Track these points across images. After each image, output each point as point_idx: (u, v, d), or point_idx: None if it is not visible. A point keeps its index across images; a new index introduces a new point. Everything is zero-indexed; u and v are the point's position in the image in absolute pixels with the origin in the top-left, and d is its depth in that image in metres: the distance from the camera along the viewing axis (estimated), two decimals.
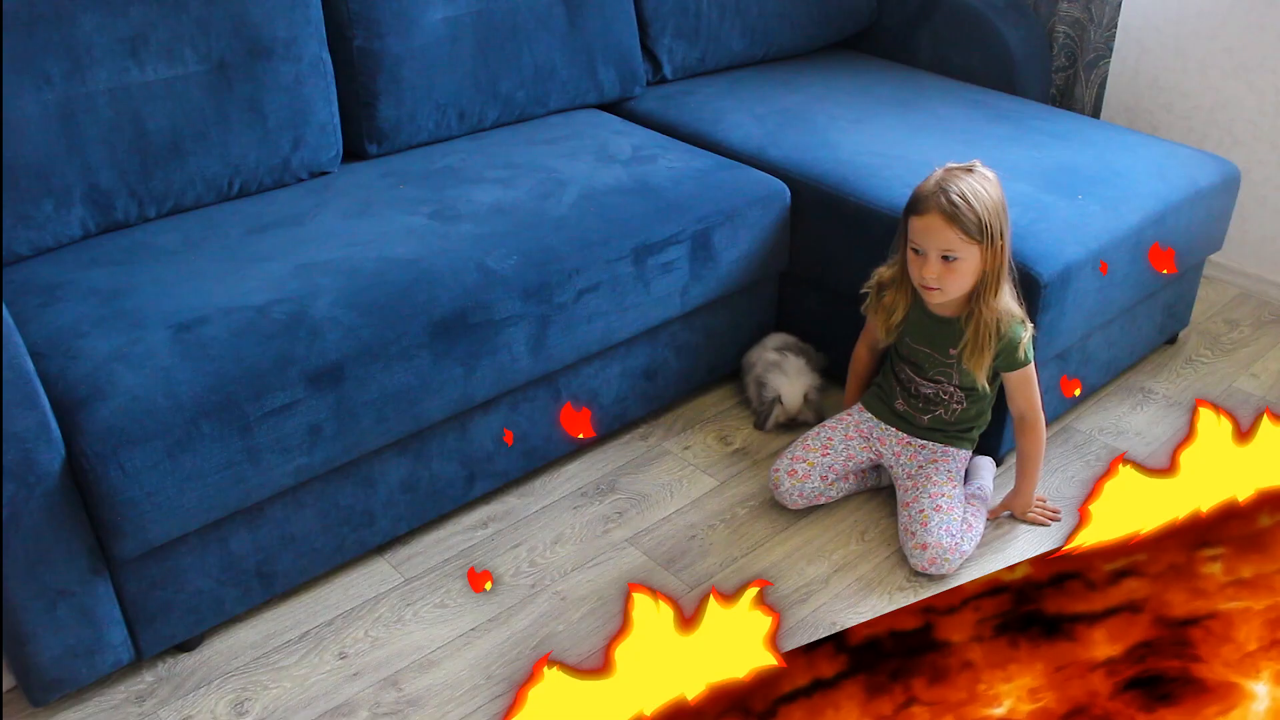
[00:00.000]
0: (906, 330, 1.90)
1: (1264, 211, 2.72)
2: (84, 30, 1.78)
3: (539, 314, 1.85)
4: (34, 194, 1.76)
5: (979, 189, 1.72)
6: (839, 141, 2.29)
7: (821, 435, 2.00)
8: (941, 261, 1.75)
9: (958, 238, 1.72)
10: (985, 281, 1.77)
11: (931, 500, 1.88)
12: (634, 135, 2.32)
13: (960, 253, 1.73)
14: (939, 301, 1.82)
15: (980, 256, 1.74)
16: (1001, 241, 1.74)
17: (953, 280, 1.76)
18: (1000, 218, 1.74)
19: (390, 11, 2.11)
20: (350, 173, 2.13)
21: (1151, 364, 2.47)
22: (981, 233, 1.72)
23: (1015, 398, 1.87)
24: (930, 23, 2.82)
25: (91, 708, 1.64)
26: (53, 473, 1.44)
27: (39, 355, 1.52)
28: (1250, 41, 2.62)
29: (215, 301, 1.65)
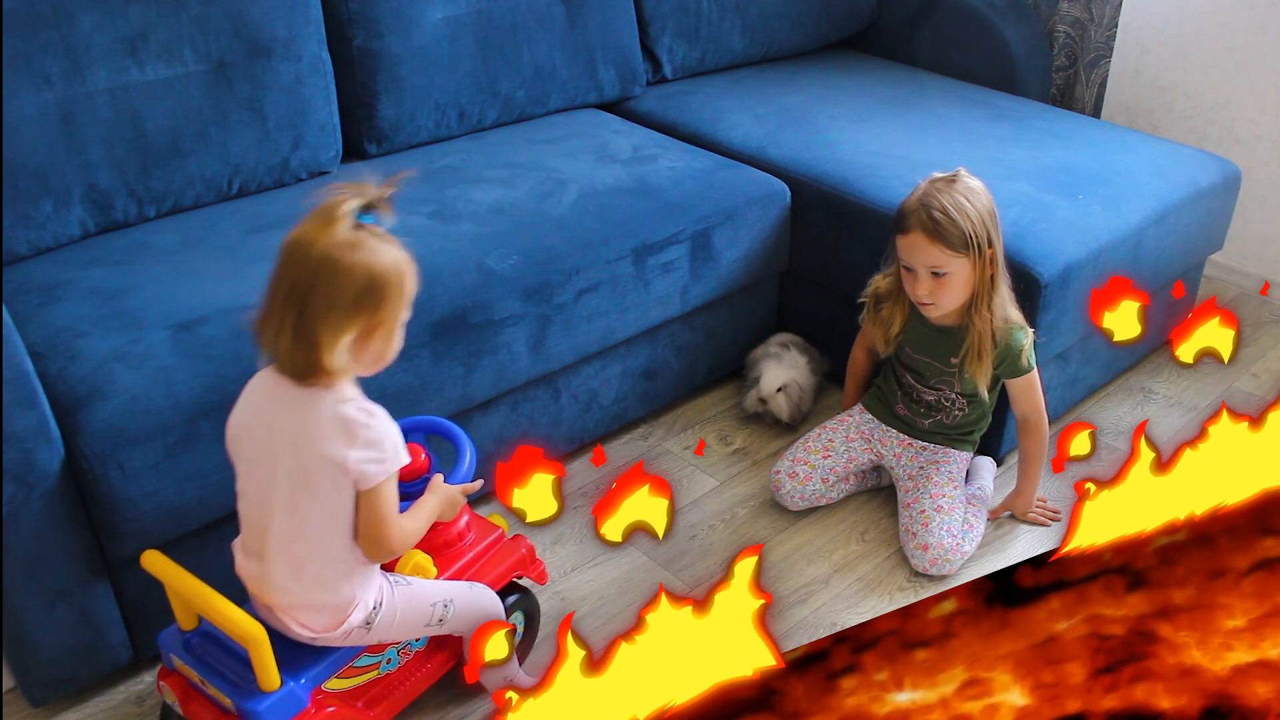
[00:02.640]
0: (906, 340, 1.90)
1: (1264, 211, 2.72)
2: (83, 30, 1.77)
3: (539, 314, 1.85)
4: (33, 194, 1.76)
5: (961, 201, 1.71)
6: (839, 141, 2.29)
7: (823, 437, 2.00)
8: (932, 277, 1.74)
9: (943, 253, 1.71)
10: (979, 291, 1.77)
11: (932, 501, 1.88)
12: (634, 135, 2.32)
13: (948, 267, 1.72)
14: (935, 316, 1.82)
15: (970, 268, 1.74)
16: (991, 250, 1.73)
17: (945, 294, 1.76)
18: (987, 226, 1.72)
19: (390, 11, 2.11)
20: (350, 173, 2.13)
21: (1151, 364, 2.47)
22: (967, 245, 1.70)
23: (1019, 402, 1.87)
24: (930, 23, 2.82)
25: (91, 708, 1.64)
26: (52, 473, 1.43)
27: (38, 355, 1.52)
28: (1251, 41, 2.61)
29: (215, 301, 1.65)
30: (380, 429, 1.26)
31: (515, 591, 1.63)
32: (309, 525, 1.29)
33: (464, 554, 1.55)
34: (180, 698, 1.42)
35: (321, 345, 1.20)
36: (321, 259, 1.18)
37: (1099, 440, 2.21)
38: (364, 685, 1.47)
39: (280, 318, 1.21)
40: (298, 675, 1.37)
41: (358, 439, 1.25)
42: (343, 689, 1.44)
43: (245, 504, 1.35)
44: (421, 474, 1.49)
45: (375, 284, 1.21)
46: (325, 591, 1.33)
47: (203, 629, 1.42)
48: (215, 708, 1.39)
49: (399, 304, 1.25)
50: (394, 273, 1.23)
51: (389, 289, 1.23)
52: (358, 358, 1.26)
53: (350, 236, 1.20)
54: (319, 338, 1.20)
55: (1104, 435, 2.23)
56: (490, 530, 1.60)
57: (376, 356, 1.28)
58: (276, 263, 1.21)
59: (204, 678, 1.37)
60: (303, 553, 1.31)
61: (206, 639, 1.41)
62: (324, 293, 1.19)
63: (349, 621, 1.35)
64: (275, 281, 1.21)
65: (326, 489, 1.27)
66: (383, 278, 1.21)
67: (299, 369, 1.23)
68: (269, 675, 1.32)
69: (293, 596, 1.33)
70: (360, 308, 1.21)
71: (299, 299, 1.19)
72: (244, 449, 1.32)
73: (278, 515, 1.29)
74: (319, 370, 1.22)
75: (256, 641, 1.29)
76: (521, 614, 1.64)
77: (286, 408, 1.26)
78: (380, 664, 1.48)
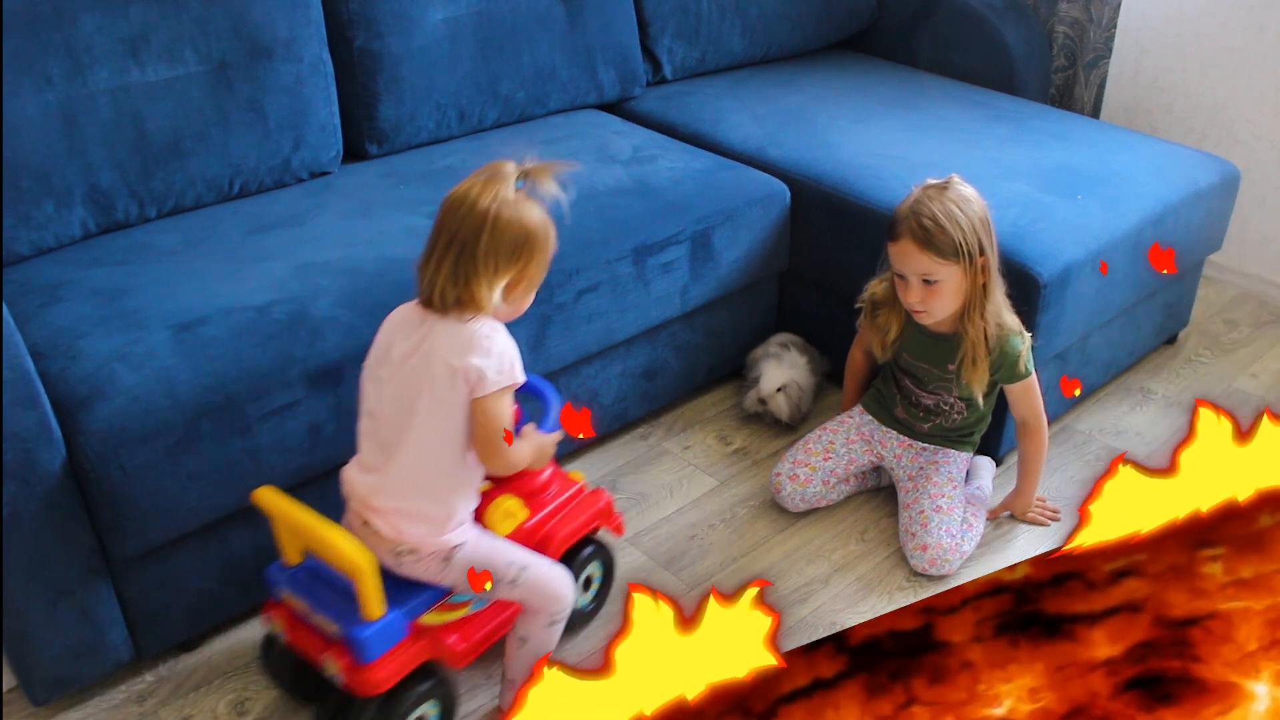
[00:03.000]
0: (904, 346, 1.90)
1: (1264, 211, 2.72)
2: (84, 30, 1.78)
3: (539, 314, 1.85)
4: (35, 194, 1.76)
5: (953, 209, 1.70)
6: (839, 141, 2.29)
7: (823, 439, 2.00)
8: (923, 285, 1.74)
9: (933, 261, 1.71)
10: (971, 298, 1.76)
11: (932, 501, 1.88)
12: (634, 135, 2.33)
13: (938, 275, 1.72)
14: (928, 323, 1.82)
15: (961, 275, 1.73)
16: (983, 258, 1.73)
17: (936, 302, 1.76)
18: (978, 234, 1.71)
19: (390, 11, 2.11)
20: (350, 173, 2.13)
21: (1151, 364, 2.47)
22: (958, 253, 1.70)
23: (1018, 405, 1.87)
24: (930, 23, 2.82)
25: (92, 708, 1.64)
26: (53, 473, 1.44)
27: (39, 355, 1.52)
28: (1250, 42, 2.62)
29: (215, 301, 1.66)
30: (503, 345, 1.42)
31: (593, 544, 1.73)
32: (429, 436, 1.42)
33: (549, 503, 1.65)
34: (287, 627, 1.52)
35: (476, 285, 1.38)
36: (484, 212, 1.37)
37: (1099, 439, 2.22)
38: (456, 622, 1.56)
39: (440, 260, 1.38)
40: (398, 606, 1.45)
41: (480, 349, 1.40)
42: (437, 624, 1.54)
43: (371, 422, 1.47)
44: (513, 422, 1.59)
45: (528, 239, 1.40)
46: (431, 503, 1.45)
47: (307, 564, 1.52)
48: (319, 636, 1.48)
49: (544, 260, 1.44)
50: (543, 232, 1.42)
51: (537, 245, 1.42)
52: (506, 301, 1.44)
53: (512, 196, 1.39)
54: (475, 279, 1.38)
55: (1104, 435, 2.23)
56: (571, 483, 1.69)
57: (516, 306, 1.46)
58: (441, 213, 1.40)
59: (311, 608, 1.47)
60: (419, 463, 1.43)
61: (311, 573, 1.51)
62: (485, 241, 1.37)
63: (443, 538, 1.45)
64: (439, 229, 1.39)
65: (447, 398, 1.40)
66: (534, 234, 1.40)
67: (449, 303, 1.40)
68: (374, 604, 1.41)
69: (401, 502, 1.44)
70: (514, 258, 1.40)
71: (460, 245, 1.37)
72: (380, 370, 1.45)
73: (403, 429, 1.42)
74: (469, 304, 1.39)
75: (365, 571, 1.37)
76: (599, 564, 1.68)
77: (426, 331, 1.42)
78: (471, 602, 1.57)
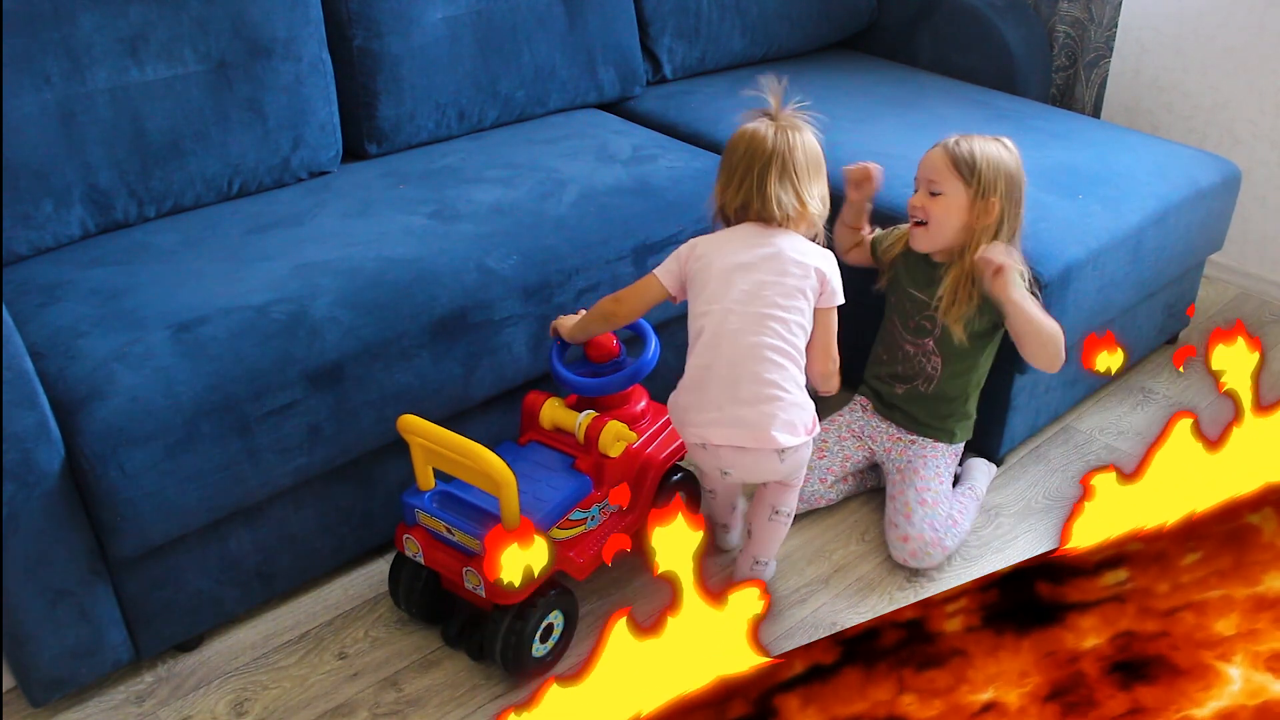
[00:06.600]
0: (901, 273, 1.92)
1: (1264, 211, 2.72)
2: (83, 30, 1.78)
3: (539, 314, 1.85)
4: (34, 194, 1.76)
5: (990, 147, 1.80)
6: (839, 141, 2.28)
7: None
8: (929, 196, 1.81)
9: (947, 171, 1.78)
10: (973, 237, 1.80)
11: (917, 494, 1.88)
12: (634, 135, 2.32)
13: (944, 187, 1.79)
14: (925, 244, 1.84)
15: (965, 201, 1.78)
16: (995, 199, 1.78)
17: (935, 212, 1.80)
18: (1000, 178, 1.78)
19: (390, 11, 2.11)
20: (350, 172, 2.13)
21: (1151, 364, 2.47)
22: (972, 176, 1.77)
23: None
24: (930, 23, 2.82)
25: (91, 708, 1.64)
26: (52, 473, 1.44)
27: (39, 355, 1.52)
28: (1250, 41, 2.61)
29: (215, 301, 1.65)
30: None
31: (680, 471, 1.88)
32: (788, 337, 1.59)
33: (646, 430, 1.80)
34: (424, 547, 1.62)
35: (802, 196, 1.61)
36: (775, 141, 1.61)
37: (1099, 439, 2.21)
38: (576, 537, 1.67)
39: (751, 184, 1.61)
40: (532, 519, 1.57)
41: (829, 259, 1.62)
42: (560, 539, 1.65)
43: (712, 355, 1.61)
44: (614, 357, 1.78)
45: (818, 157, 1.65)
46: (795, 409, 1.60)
47: (439, 489, 1.63)
48: (458, 553, 1.60)
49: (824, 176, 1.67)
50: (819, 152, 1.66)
51: (822, 162, 1.66)
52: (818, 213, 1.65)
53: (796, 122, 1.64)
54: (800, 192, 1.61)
55: (1104, 435, 2.23)
56: (663, 411, 1.82)
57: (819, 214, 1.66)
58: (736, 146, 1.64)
59: (451, 525, 1.58)
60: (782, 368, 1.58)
61: (445, 496, 1.62)
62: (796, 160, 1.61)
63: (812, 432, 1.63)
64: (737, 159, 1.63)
65: (803, 305, 1.59)
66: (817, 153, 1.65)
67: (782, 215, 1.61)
68: (515, 516, 1.51)
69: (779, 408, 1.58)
70: (815, 173, 1.64)
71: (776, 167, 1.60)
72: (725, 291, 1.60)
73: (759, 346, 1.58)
74: (797, 215, 1.62)
75: (508, 485, 1.48)
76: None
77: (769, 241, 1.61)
78: (587, 520, 1.69)
